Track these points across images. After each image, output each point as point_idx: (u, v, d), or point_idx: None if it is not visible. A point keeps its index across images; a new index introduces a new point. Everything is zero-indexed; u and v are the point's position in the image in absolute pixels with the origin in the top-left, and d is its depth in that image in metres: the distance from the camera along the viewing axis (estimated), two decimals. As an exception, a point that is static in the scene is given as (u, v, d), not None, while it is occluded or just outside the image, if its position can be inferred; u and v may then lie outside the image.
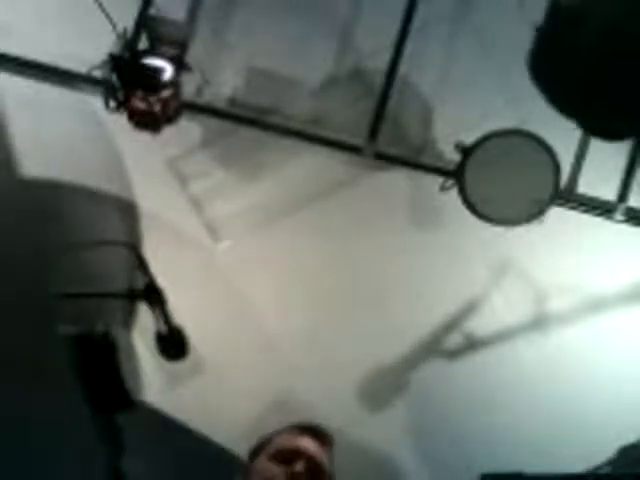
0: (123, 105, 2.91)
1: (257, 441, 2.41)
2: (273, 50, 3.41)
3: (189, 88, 3.19)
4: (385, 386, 3.44)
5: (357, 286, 3.44)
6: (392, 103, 3.34)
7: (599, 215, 3.35)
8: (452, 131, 3.33)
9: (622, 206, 3.31)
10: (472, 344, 3.46)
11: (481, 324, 3.47)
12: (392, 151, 3.39)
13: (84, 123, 3.31)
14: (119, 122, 3.01)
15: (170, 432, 3.22)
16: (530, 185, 3.18)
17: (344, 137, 3.36)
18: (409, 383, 3.44)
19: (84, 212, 3.31)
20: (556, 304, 3.51)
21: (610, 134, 2.14)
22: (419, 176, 3.40)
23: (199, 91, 3.32)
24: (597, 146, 3.23)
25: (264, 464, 2.32)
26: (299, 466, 2.29)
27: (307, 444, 2.35)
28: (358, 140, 3.31)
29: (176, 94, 2.98)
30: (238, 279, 3.40)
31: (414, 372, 3.44)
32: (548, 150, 3.16)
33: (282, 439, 2.39)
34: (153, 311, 2.05)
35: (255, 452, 2.40)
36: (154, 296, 2.05)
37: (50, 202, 3.21)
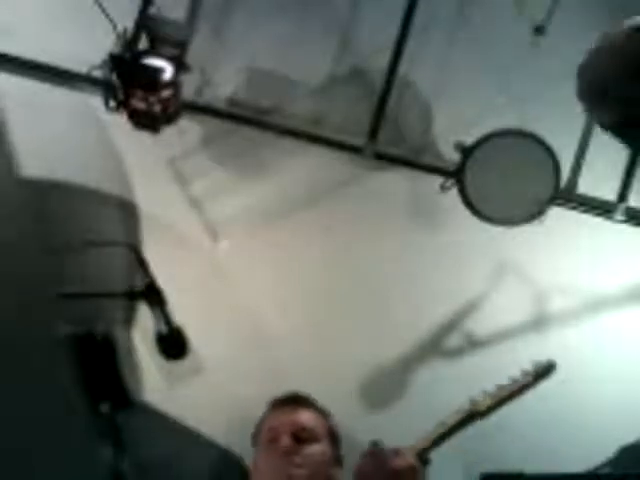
0: (123, 105, 2.92)
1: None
2: (273, 50, 3.40)
3: (189, 88, 3.19)
4: (385, 386, 3.44)
5: (357, 286, 3.44)
6: (392, 103, 3.34)
7: (599, 215, 3.34)
8: (452, 131, 3.33)
9: (622, 206, 3.30)
10: (472, 344, 3.46)
11: (481, 324, 3.47)
12: (392, 151, 3.39)
13: (84, 123, 3.30)
14: (119, 122, 3.01)
15: (170, 432, 3.22)
16: (530, 185, 3.18)
17: (344, 137, 3.36)
18: (409, 383, 3.44)
19: (84, 212, 3.31)
20: (556, 304, 3.51)
21: None
22: (419, 176, 3.40)
23: (199, 91, 3.32)
24: (597, 146, 3.23)
25: (259, 455, 2.40)
26: (284, 440, 2.34)
27: (285, 418, 2.41)
28: (358, 140, 3.31)
29: (176, 94, 2.99)
30: (238, 279, 3.40)
31: (414, 372, 3.44)
32: (548, 150, 3.16)
33: (267, 422, 2.50)
34: (153, 311, 2.05)
35: (253, 442, 2.47)
36: (154, 296, 2.05)
37: (50, 202, 3.21)
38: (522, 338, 3.47)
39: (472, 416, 2.27)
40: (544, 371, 2.36)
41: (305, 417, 2.43)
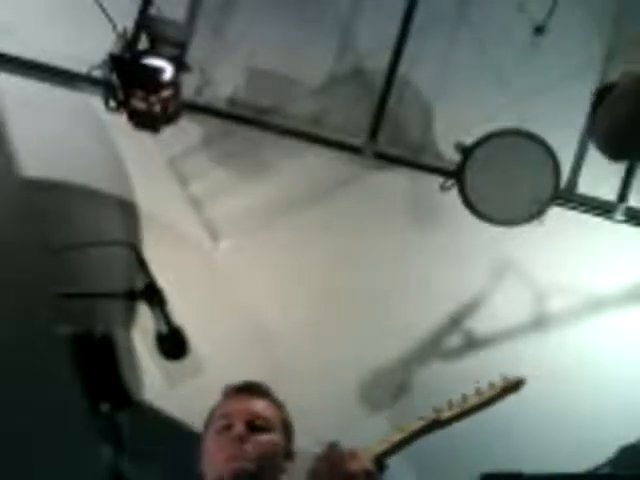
0: (123, 105, 2.92)
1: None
2: (273, 50, 3.40)
3: (189, 88, 3.19)
4: (385, 386, 3.44)
5: (357, 286, 3.44)
6: (392, 103, 3.34)
7: (599, 215, 3.35)
8: (452, 131, 3.33)
9: (622, 206, 3.31)
10: (472, 344, 3.46)
11: (481, 324, 3.47)
12: (392, 151, 3.39)
13: (84, 123, 3.31)
14: (119, 122, 3.01)
15: (170, 432, 3.22)
16: (530, 185, 3.18)
17: (344, 137, 3.36)
18: (409, 383, 3.44)
19: (84, 212, 3.31)
20: (556, 304, 3.51)
21: None
22: (419, 176, 3.40)
23: (199, 91, 3.32)
24: (597, 146, 3.23)
25: (211, 441, 2.36)
26: (238, 427, 2.31)
27: (240, 406, 2.37)
28: (358, 140, 3.31)
29: (176, 94, 2.99)
30: (238, 279, 3.40)
31: (414, 372, 3.44)
32: (548, 150, 3.16)
33: (221, 409, 2.41)
34: (153, 311, 2.05)
35: (205, 429, 2.42)
36: (154, 296, 2.05)
37: (50, 202, 3.21)
38: (522, 338, 3.47)
39: (434, 425, 2.26)
40: (512, 386, 2.32)
41: (260, 406, 2.42)
